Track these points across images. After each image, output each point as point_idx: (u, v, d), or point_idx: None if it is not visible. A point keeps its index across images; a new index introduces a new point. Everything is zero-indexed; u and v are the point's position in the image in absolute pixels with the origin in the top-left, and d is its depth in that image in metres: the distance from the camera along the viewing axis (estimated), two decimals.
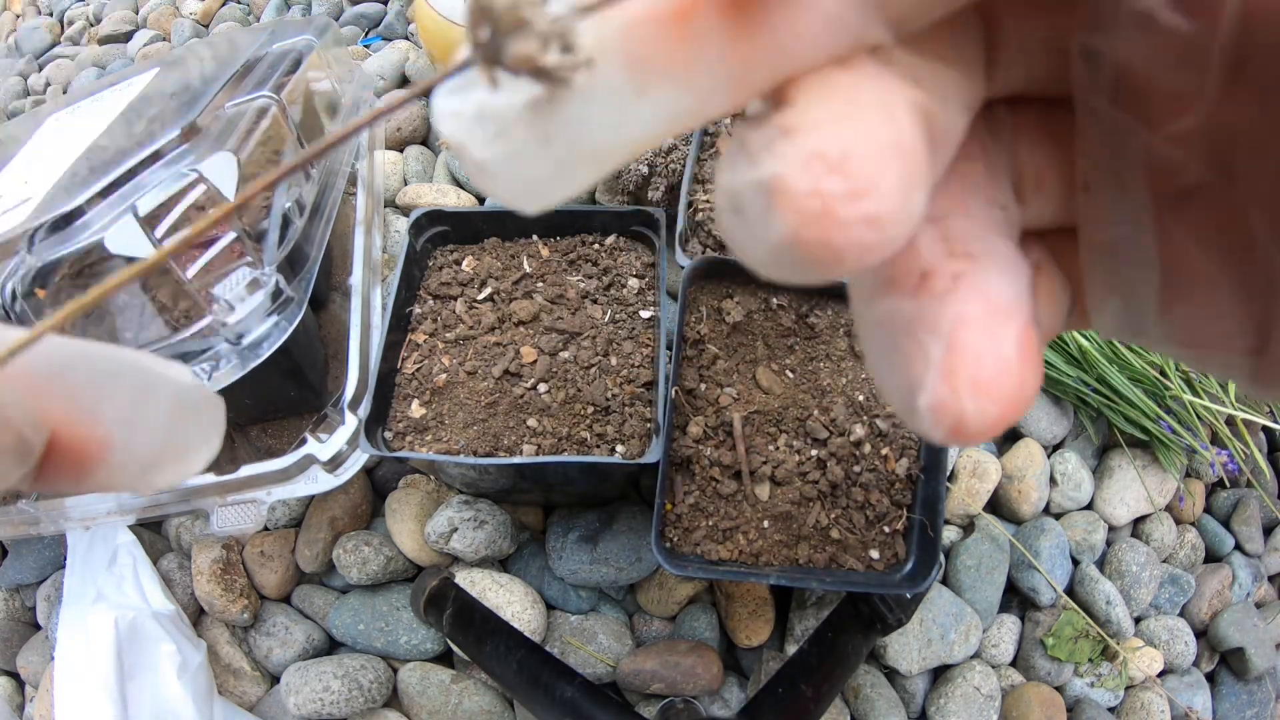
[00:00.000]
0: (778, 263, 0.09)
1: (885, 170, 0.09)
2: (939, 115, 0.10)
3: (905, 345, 0.10)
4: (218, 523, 0.51)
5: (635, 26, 0.08)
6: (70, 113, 0.57)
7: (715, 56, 0.09)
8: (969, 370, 0.10)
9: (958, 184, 0.11)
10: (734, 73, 0.09)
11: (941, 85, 0.10)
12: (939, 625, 0.51)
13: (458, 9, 0.58)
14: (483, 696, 0.49)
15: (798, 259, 0.09)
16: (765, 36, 0.09)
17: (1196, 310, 0.11)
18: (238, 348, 0.42)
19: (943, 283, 0.10)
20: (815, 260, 0.09)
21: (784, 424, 0.42)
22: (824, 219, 0.08)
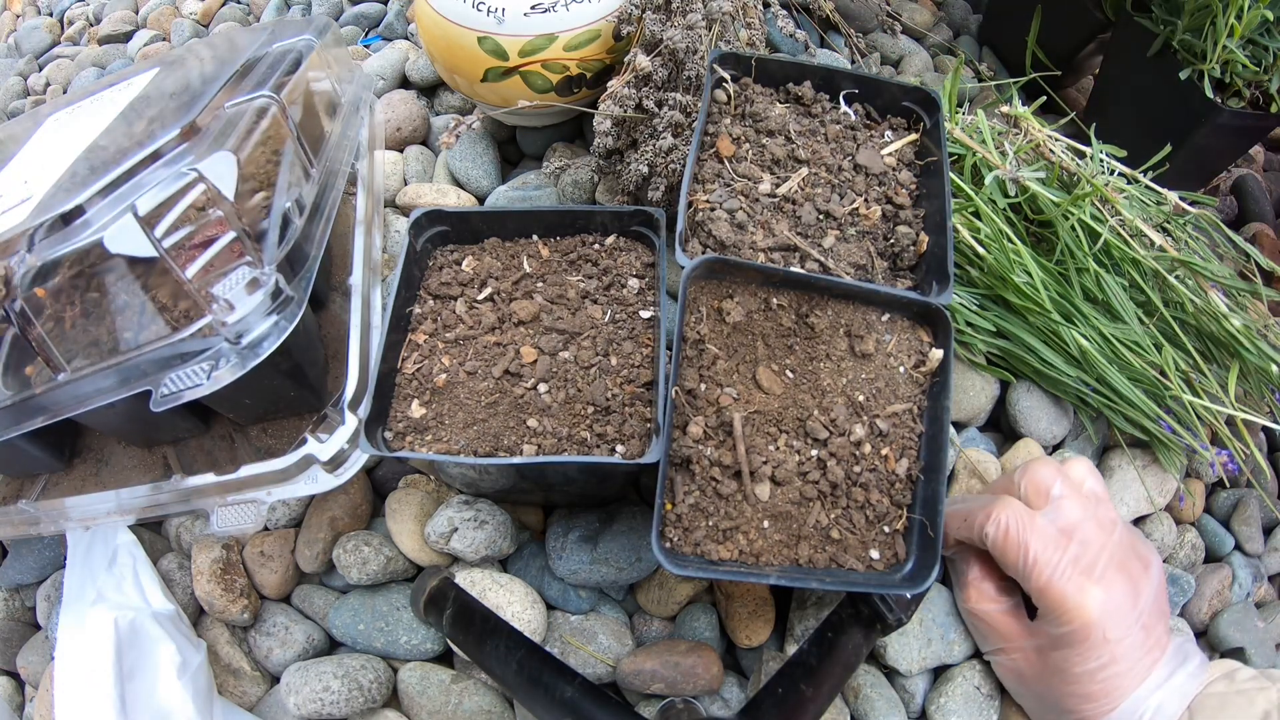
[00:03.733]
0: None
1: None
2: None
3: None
4: (218, 523, 0.51)
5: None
6: (70, 113, 0.57)
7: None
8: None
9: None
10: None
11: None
12: (939, 625, 0.51)
13: (458, 9, 0.58)
14: (483, 696, 0.49)
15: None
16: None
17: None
18: (237, 347, 0.42)
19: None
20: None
21: (784, 424, 0.42)
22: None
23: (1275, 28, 0.60)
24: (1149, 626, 0.43)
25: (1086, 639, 0.42)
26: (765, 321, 0.43)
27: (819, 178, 0.49)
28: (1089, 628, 0.42)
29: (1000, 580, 0.48)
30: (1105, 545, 0.44)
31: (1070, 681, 0.43)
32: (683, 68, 0.55)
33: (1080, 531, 0.44)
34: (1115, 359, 0.56)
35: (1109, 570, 0.43)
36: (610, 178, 0.63)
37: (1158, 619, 0.44)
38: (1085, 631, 0.42)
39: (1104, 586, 0.42)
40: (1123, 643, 0.42)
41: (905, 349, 0.45)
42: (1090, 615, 0.42)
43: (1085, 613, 0.42)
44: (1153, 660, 0.42)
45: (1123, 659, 0.42)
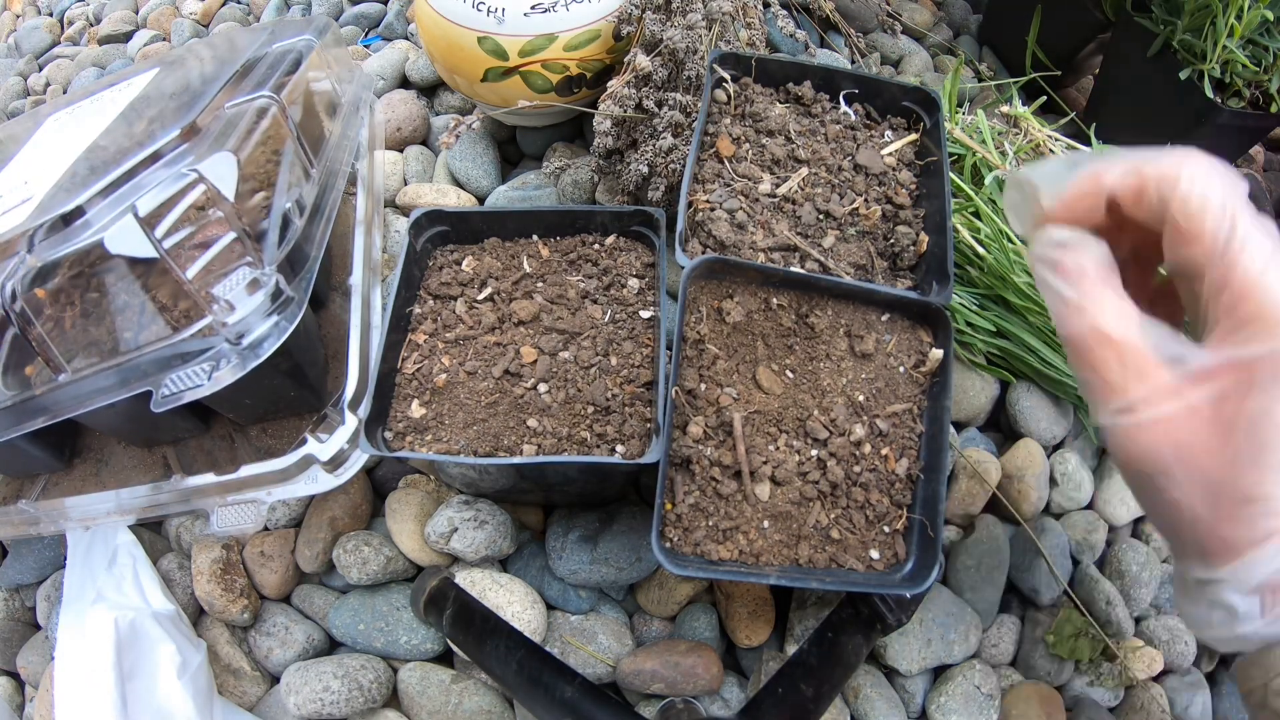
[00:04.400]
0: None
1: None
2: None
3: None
4: (218, 523, 0.51)
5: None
6: (70, 113, 0.57)
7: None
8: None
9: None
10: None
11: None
12: (939, 625, 0.51)
13: (458, 9, 0.58)
14: (483, 696, 0.49)
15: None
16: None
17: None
18: (238, 348, 0.42)
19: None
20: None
21: (784, 424, 0.42)
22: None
23: (1275, 28, 0.60)
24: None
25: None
26: (765, 321, 0.43)
27: (819, 178, 0.49)
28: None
29: (1143, 286, 0.33)
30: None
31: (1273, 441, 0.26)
32: (683, 68, 0.55)
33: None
34: None
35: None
36: (610, 178, 0.62)
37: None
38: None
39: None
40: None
41: (905, 349, 0.45)
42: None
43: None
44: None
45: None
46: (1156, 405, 0.28)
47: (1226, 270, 0.27)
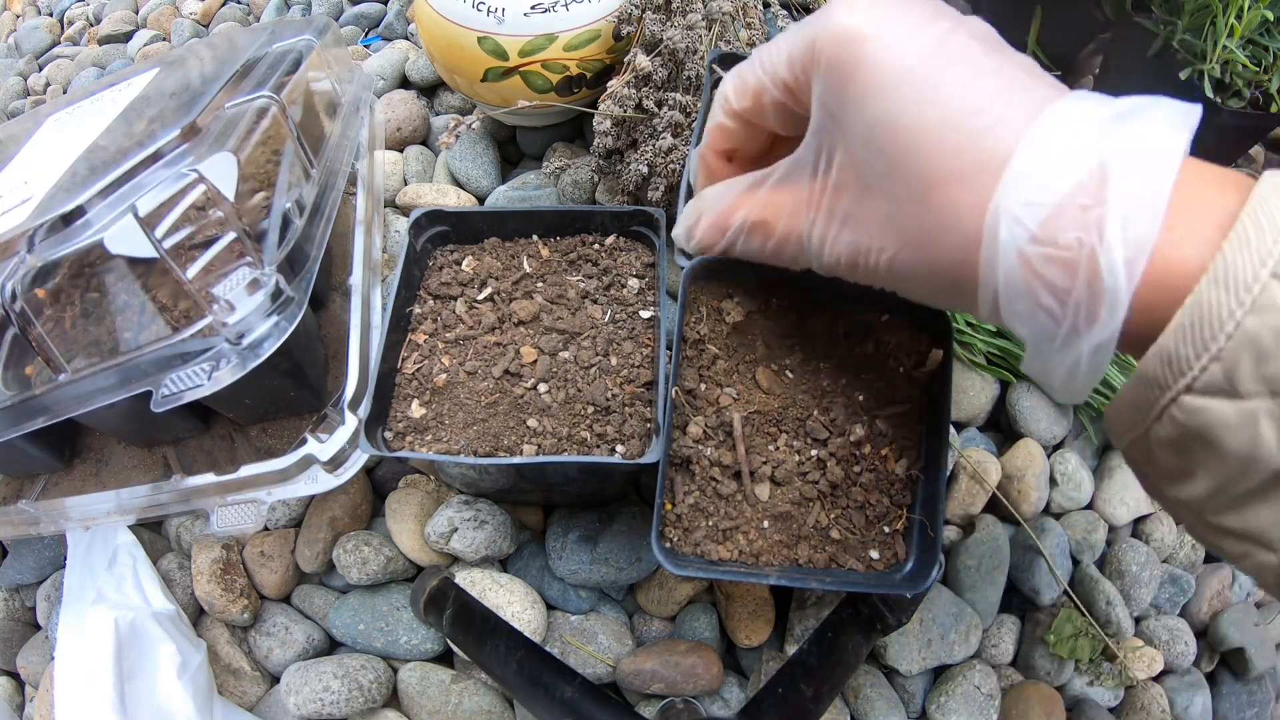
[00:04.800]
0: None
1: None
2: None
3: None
4: (218, 523, 0.51)
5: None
6: (70, 113, 0.57)
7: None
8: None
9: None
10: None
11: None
12: (939, 625, 0.51)
13: (458, 9, 0.58)
14: (483, 696, 0.49)
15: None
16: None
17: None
18: (238, 348, 0.42)
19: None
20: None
21: (784, 424, 0.42)
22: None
23: (1275, 28, 0.60)
24: (1004, 52, 0.27)
25: (876, 54, 0.26)
26: (765, 321, 0.43)
27: None
28: (866, 34, 0.26)
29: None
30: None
31: (905, 146, 0.26)
32: (683, 68, 0.55)
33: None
34: (1114, 359, 0.56)
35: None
36: (610, 178, 0.62)
37: (1028, 63, 0.27)
38: (866, 44, 0.26)
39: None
40: (955, 52, 0.26)
41: (905, 349, 0.45)
42: (850, 17, 0.27)
43: (842, 18, 0.27)
44: (1048, 92, 0.26)
45: (974, 74, 0.26)
46: (804, 212, 0.30)
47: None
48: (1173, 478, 0.24)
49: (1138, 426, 0.24)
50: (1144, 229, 0.22)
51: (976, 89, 0.25)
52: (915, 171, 0.26)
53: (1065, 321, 0.24)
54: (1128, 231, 0.22)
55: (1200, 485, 0.23)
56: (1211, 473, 0.23)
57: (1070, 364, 0.25)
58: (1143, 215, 0.22)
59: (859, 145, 0.27)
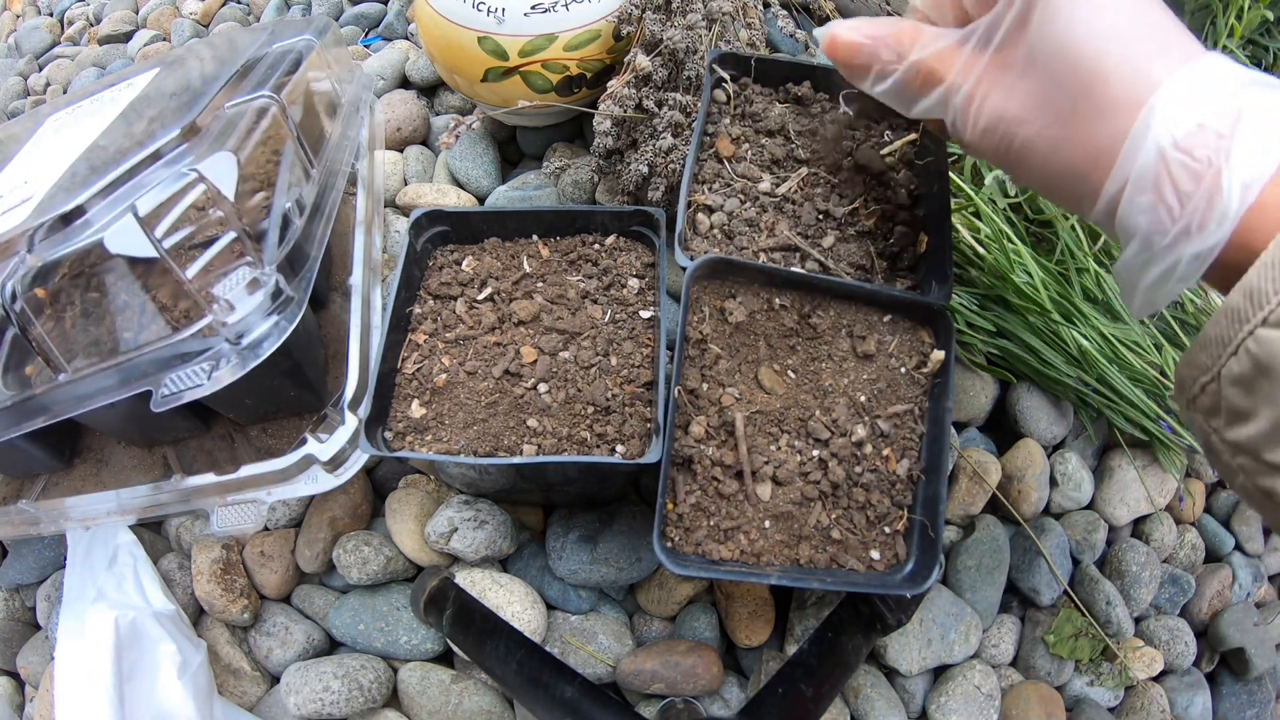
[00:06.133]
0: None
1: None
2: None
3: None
4: (218, 523, 0.51)
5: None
6: (70, 113, 0.57)
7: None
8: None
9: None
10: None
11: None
12: (939, 625, 0.51)
13: (458, 9, 0.58)
14: (483, 696, 0.49)
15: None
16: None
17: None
18: (238, 347, 0.42)
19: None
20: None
21: (786, 424, 0.42)
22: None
23: (1275, 28, 0.60)
24: (1171, 14, 0.31)
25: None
26: (767, 321, 0.43)
27: (819, 177, 0.49)
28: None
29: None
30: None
31: (1087, 40, 0.30)
32: (682, 68, 0.55)
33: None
34: (1115, 359, 0.56)
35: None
36: (610, 178, 0.62)
37: (1181, 25, 0.31)
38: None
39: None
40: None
41: (907, 350, 0.45)
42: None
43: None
44: (1192, 49, 0.30)
45: (1146, 22, 0.30)
46: (970, 71, 0.33)
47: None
48: (1236, 418, 0.27)
49: (1213, 366, 0.27)
50: (1260, 167, 0.26)
51: (1154, 21, 0.30)
52: (1087, 63, 0.29)
53: (1179, 222, 0.28)
54: (1248, 165, 0.26)
55: (1263, 420, 0.26)
56: (1275, 406, 0.25)
57: (1167, 266, 0.29)
58: (1261, 156, 0.26)
59: (1039, 32, 0.31)
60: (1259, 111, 0.27)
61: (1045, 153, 0.31)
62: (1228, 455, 0.28)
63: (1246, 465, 0.27)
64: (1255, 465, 0.27)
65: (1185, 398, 0.29)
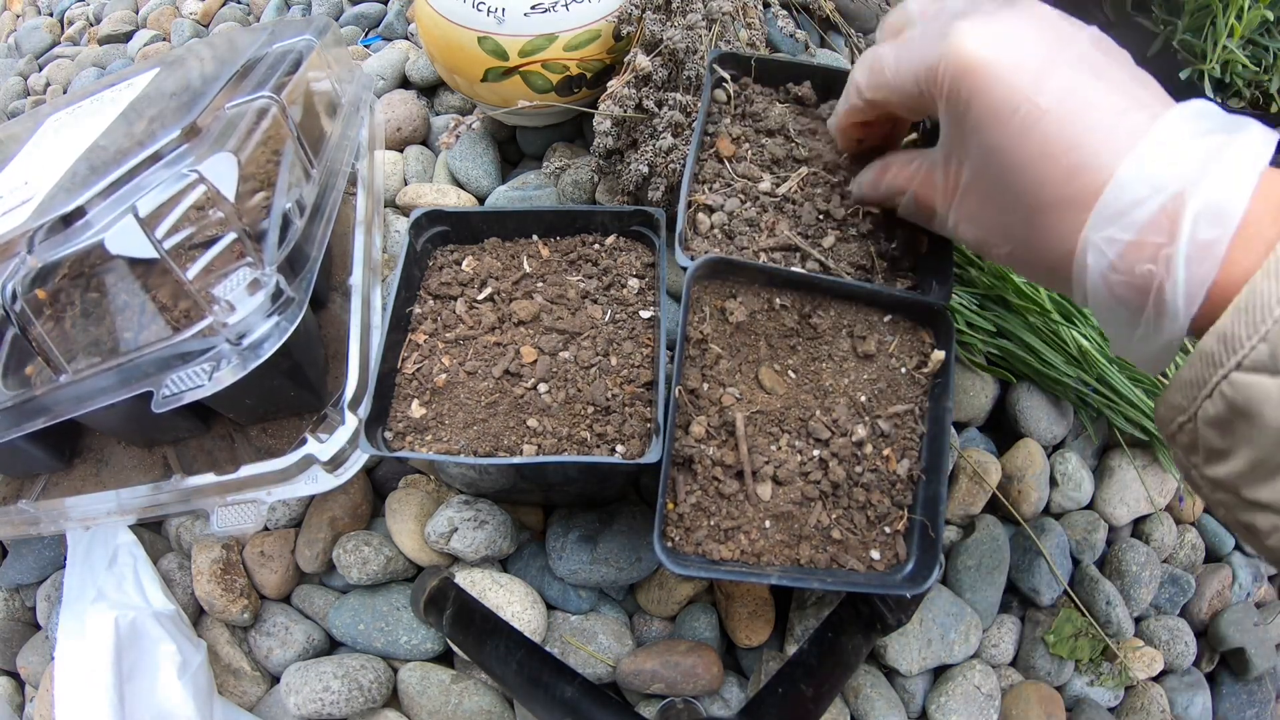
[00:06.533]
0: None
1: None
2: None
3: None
4: (218, 523, 0.51)
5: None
6: (70, 113, 0.57)
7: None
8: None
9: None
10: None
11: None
12: (939, 625, 0.51)
13: (458, 9, 0.58)
14: (483, 696, 0.49)
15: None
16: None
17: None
18: (238, 348, 0.42)
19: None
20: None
21: (786, 424, 0.42)
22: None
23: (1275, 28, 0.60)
24: (1106, 75, 0.29)
25: (989, 90, 0.30)
26: (768, 321, 0.43)
27: (819, 177, 0.49)
28: (980, 69, 0.30)
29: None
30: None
31: (1013, 174, 0.30)
32: (683, 68, 0.55)
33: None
34: (1115, 359, 0.56)
35: (990, 6, 0.31)
36: (610, 178, 0.62)
37: (1130, 79, 0.30)
38: (979, 78, 0.30)
39: (982, 20, 0.30)
40: (1057, 88, 0.29)
41: (907, 350, 0.45)
42: (966, 49, 0.30)
43: (960, 50, 0.30)
44: (1141, 119, 0.28)
45: (1072, 109, 0.29)
46: (947, 200, 0.36)
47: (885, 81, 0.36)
48: (1214, 457, 0.27)
49: (1190, 406, 0.27)
50: (1205, 269, 0.26)
51: (1075, 122, 0.29)
52: (1022, 195, 0.30)
53: (1139, 328, 0.29)
54: (1191, 269, 0.26)
55: (1240, 460, 0.26)
56: (1252, 446, 0.25)
57: (1146, 353, 0.30)
58: (1205, 257, 0.26)
59: (978, 163, 0.32)
60: (1201, 201, 0.26)
61: (1022, 267, 0.34)
62: (1208, 490, 0.29)
63: (1226, 500, 0.28)
64: (1235, 501, 0.27)
65: (1165, 434, 0.30)
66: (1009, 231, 0.32)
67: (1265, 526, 0.26)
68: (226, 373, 0.41)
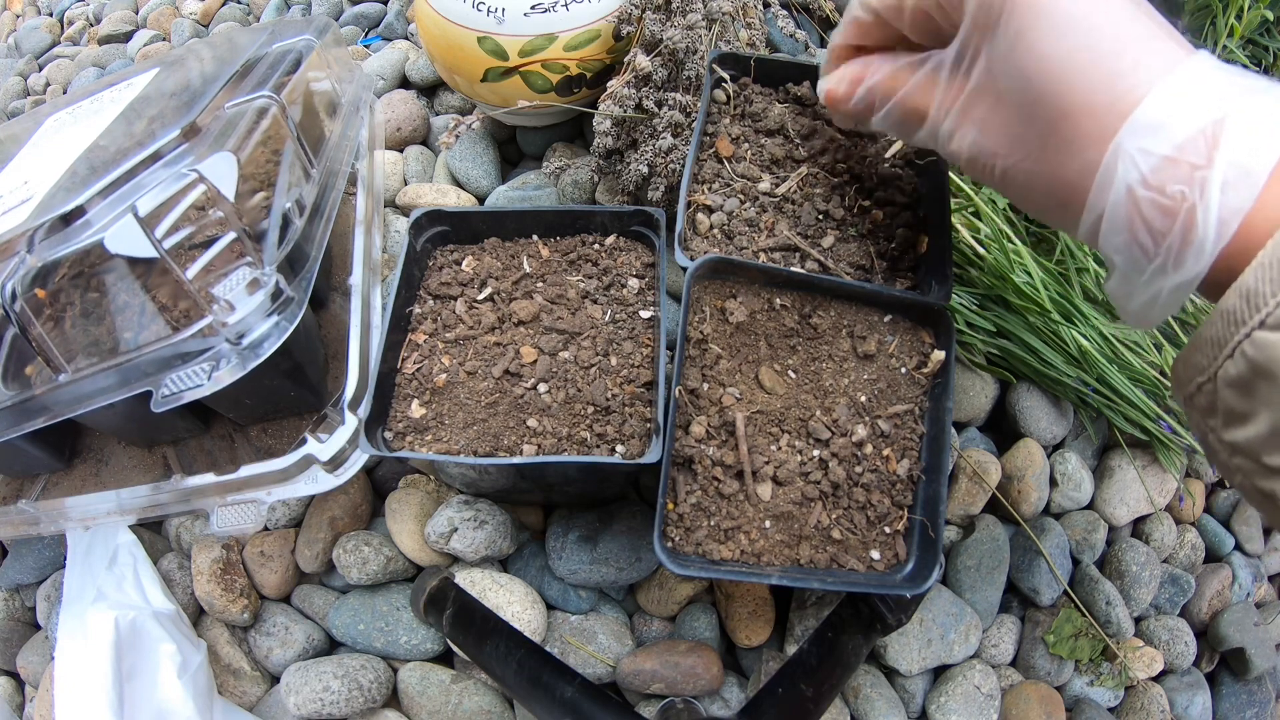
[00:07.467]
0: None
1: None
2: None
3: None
4: (218, 523, 0.51)
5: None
6: (70, 113, 0.57)
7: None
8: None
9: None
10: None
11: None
12: (939, 625, 0.51)
13: (458, 9, 0.58)
14: (483, 696, 0.49)
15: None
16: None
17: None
18: (238, 348, 0.42)
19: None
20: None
21: (786, 424, 0.42)
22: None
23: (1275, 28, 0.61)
24: (1146, 10, 0.29)
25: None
26: (768, 321, 0.43)
27: (818, 177, 0.49)
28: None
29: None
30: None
31: (1046, 72, 0.28)
32: (682, 68, 0.55)
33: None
34: (1115, 359, 0.56)
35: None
36: (610, 178, 0.62)
37: (1164, 24, 0.29)
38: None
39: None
40: (1099, 11, 0.28)
41: (907, 350, 0.45)
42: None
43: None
44: (1179, 50, 0.27)
45: (1116, 22, 0.28)
46: (947, 106, 0.33)
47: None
48: (1234, 420, 0.26)
49: (1210, 366, 0.26)
50: (1241, 197, 0.25)
51: (1121, 34, 0.27)
52: (1052, 97, 0.28)
53: (1155, 259, 0.27)
54: (1227, 196, 0.25)
55: (1261, 424, 0.25)
56: (1273, 409, 0.24)
57: (1151, 295, 0.28)
58: (1243, 184, 0.25)
59: (1003, 62, 0.30)
60: (1241, 129, 0.25)
61: (1023, 184, 0.31)
62: (1225, 455, 0.27)
63: (1245, 466, 0.27)
64: (1254, 467, 0.26)
65: (1182, 395, 0.29)
66: (1021, 140, 0.30)
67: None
68: (226, 372, 0.41)
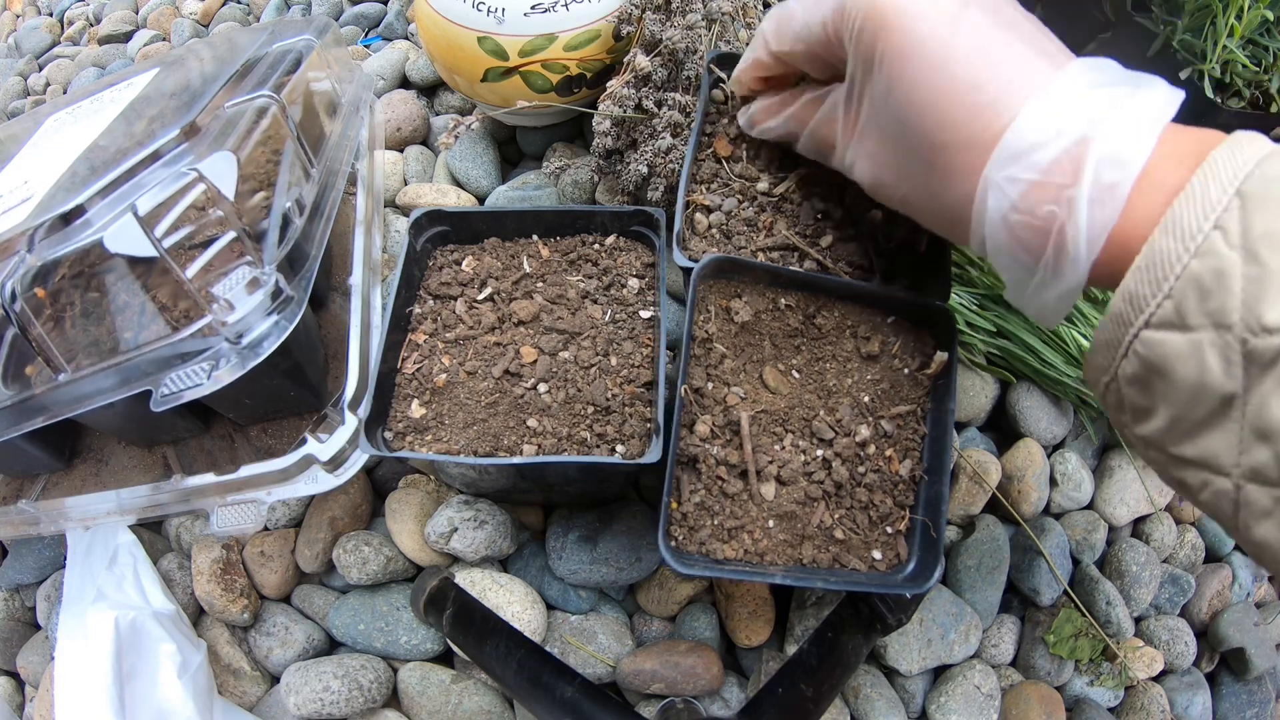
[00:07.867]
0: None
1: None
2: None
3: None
4: (218, 523, 0.51)
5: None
6: (70, 113, 0.57)
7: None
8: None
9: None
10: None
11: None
12: (939, 625, 0.51)
13: (458, 9, 0.58)
14: (483, 696, 0.49)
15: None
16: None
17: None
18: (237, 347, 0.42)
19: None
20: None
21: (790, 424, 0.42)
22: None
23: (1275, 28, 0.60)
24: (1016, 26, 0.30)
25: (898, 26, 0.30)
26: (773, 321, 0.43)
27: (817, 177, 0.49)
28: (889, 5, 0.30)
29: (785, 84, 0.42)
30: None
31: (916, 111, 0.30)
32: (682, 68, 0.55)
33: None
34: None
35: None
36: (610, 178, 0.62)
37: (1039, 32, 0.31)
38: (889, 13, 0.30)
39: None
40: (966, 30, 0.29)
41: (910, 351, 0.45)
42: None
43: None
44: (1046, 67, 0.29)
45: (979, 51, 0.29)
46: (846, 139, 0.36)
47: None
48: (1140, 415, 0.27)
49: (1110, 366, 0.27)
50: (1108, 211, 0.26)
51: (982, 64, 0.29)
52: (923, 135, 0.30)
53: (1037, 274, 0.29)
54: (1094, 211, 0.26)
55: (1161, 418, 0.26)
56: (1169, 403, 0.26)
57: (1040, 303, 0.30)
58: (1108, 198, 0.26)
59: (880, 102, 0.32)
60: (1105, 145, 0.26)
61: (918, 210, 0.33)
62: (1141, 449, 0.29)
63: (1157, 458, 0.28)
64: (1164, 458, 0.27)
65: (1097, 395, 0.30)
66: (907, 172, 0.32)
67: (1195, 483, 0.26)
68: (225, 372, 0.41)
